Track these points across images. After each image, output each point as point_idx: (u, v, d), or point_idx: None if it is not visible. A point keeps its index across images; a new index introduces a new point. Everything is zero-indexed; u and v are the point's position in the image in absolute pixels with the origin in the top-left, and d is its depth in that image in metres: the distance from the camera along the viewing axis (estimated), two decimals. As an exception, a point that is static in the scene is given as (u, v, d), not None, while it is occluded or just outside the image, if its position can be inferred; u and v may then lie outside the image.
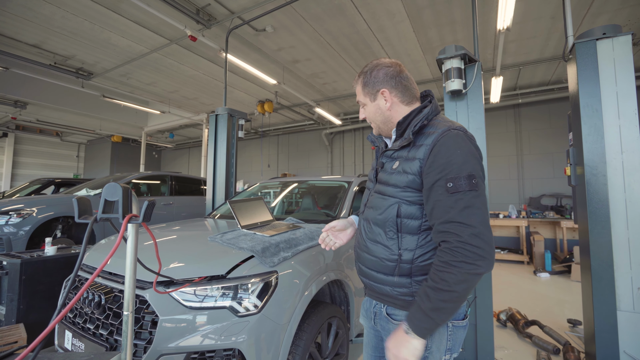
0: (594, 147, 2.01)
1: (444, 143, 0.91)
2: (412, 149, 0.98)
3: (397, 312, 1.02)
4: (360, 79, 1.09)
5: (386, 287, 1.01)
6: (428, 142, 0.94)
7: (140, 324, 1.33)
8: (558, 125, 6.79)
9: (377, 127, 1.11)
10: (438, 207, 0.88)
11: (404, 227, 0.97)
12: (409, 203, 0.96)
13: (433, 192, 0.90)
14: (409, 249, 0.97)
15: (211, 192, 3.85)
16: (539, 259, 5.58)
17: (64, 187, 6.95)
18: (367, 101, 1.09)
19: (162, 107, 8.44)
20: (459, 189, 0.86)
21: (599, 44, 2.03)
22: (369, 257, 1.05)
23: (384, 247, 1.00)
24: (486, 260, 0.82)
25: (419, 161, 0.94)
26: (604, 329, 1.93)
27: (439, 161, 0.90)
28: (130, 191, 0.81)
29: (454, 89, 2.33)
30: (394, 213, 0.98)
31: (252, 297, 1.38)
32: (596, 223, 1.97)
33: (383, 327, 1.06)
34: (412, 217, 0.96)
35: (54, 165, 12.45)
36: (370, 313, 1.12)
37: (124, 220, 0.74)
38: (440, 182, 0.89)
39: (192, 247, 1.70)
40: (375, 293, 1.07)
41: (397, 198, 0.98)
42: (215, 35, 4.78)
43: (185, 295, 1.37)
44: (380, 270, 1.02)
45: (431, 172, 0.91)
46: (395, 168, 1.01)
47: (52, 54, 5.54)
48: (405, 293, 0.98)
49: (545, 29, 4.57)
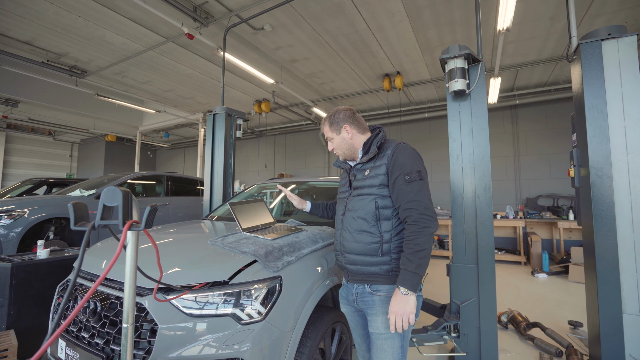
0: (599, 149, 1.99)
1: (399, 151, 1.34)
2: (377, 159, 1.38)
3: (380, 287, 1.32)
4: (327, 121, 1.49)
5: (373, 267, 1.32)
6: (388, 153, 1.36)
7: (138, 333, 1.27)
8: (555, 126, 6.83)
9: (343, 154, 1.48)
10: (401, 193, 1.28)
11: (381, 215, 1.32)
12: (383, 197, 1.33)
13: (396, 183, 1.29)
14: (387, 231, 1.32)
15: (209, 193, 3.78)
16: (536, 260, 5.60)
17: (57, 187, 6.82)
18: (334, 135, 1.47)
19: (157, 106, 8.32)
20: (413, 179, 1.27)
21: (604, 45, 2.01)
22: (356, 245, 1.35)
23: (369, 233, 1.33)
24: (435, 222, 1.24)
25: (384, 165, 1.34)
26: (610, 332, 1.91)
27: (398, 163, 1.31)
28: (130, 195, 0.75)
29: (457, 89, 2.30)
30: (373, 206, 1.33)
31: (256, 304, 1.33)
32: (602, 225, 1.95)
33: (366, 302, 1.35)
34: (386, 207, 1.33)
35: (46, 165, 12.23)
36: (351, 296, 1.42)
37: (125, 227, 0.69)
38: (400, 176, 1.29)
39: (191, 251, 1.64)
40: (361, 276, 1.36)
41: (374, 195, 1.34)
42: (212, 33, 4.70)
43: (185, 302, 1.31)
44: (367, 253, 1.32)
45: (394, 171, 1.31)
46: (367, 174, 1.38)
47: (45, 51, 5.42)
48: (388, 270, 1.30)
49: (543, 30, 4.57)
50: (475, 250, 2.26)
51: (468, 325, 2.24)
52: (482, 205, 2.28)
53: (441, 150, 7.91)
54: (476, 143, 2.35)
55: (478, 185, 2.29)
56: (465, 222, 2.30)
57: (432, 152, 8.05)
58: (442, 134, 8.07)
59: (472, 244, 2.27)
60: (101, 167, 12.18)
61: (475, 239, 2.27)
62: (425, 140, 8.20)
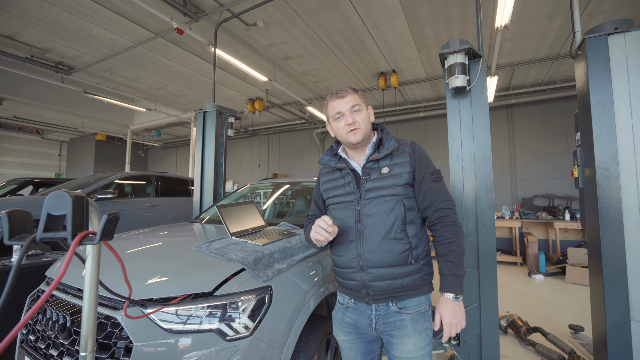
0: (605, 148, 1.91)
1: (418, 149, 1.25)
2: (395, 156, 1.23)
3: (408, 303, 1.18)
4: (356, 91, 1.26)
5: (405, 278, 1.16)
6: (407, 149, 1.24)
7: (111, 352, 1.14)
8: (551, 126, 6.80)
9: (363, 133, 1.24)
10: (430, 192, 1.19)
11: (408, 218, 1.19)
12: (409, 197, 1.20)
13: (424, 182, 1.20)
14: (414, 235, 1.19)
15: (199, 193, 3.64)
16: (532, 261, 5.55)
17: (43, 188, 6.59)
18: (364, 107, 1.26)
19: (148, 105, 8.11)
20: (439, 179, 1.22)
21: (611, 40, 1.93)
22: (385, 255, 1.16)
23: (399, 240, 1.16)
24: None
25: (408, 162, 1.21)
26: (617, 340, 1.83)
27: (422, 160, 1.23)
28: (85, 202, 0.63)
29: (457, 86, 2.20)
30: (402, 208, 1.18)
31: (243, 318, 1.21)
32: (608, 228, 1.87)
33: (391, 324, 1.17)
34: (412, 209, 1.20)
35: (34, 165, 11.90)
36: (366, 319, 1.21)
37: (74, 241, 0.56)
38: (427, 175, 1.21)
39: (174, 258, 1.51)
40: (387, 293, 1.17)
41: (399, 195, 1.18)
42: (203, 29, 4.55)
43: (165, 316, 1.18)
44: (398, 264, 1.16)
45: (420, 168, 1.21)
46: (386, 173, 1.21)
47: (28, 46, 5.20)
48: (419, 278, 1.18)
49: (541, 28, 4.51)
50: (476, 253, 2.16)
51: (468, 332, 2.14)
52: (483, 207, 2.19)
53: (437, 150, 7.84)
54: (477, 142, 2.26)
55: (479, 186, 2.20)
56: (466, 225, 2.21)
57: (427, 152, 7.91)
58: (437, 133, 8.01)
59: (472, 247, 2.18)
60: (91, 166, 11.89)
61: (476, 242, 2.18)
62: (421, 140, 8.13)
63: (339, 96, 1.23)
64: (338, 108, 1.23)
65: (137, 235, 2.04)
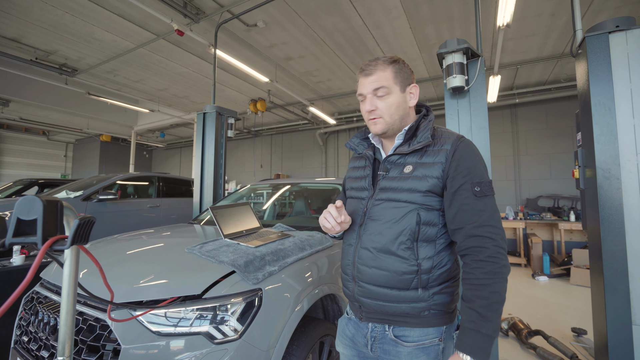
0: (606, 148, 1.87)
1: (464, 149, 0.92)
2: (427, 153, 0.95)
3: (409, 333, 0.94)
4: (391, 65, 0.97)
5: (402, 304, 0.93)
6: (447, 147, 0.93)
7: (99, 354, 1.14)
8: (555, 125, 6.71)
9: (390, 123, 0.99)
10: (465, 211, 0.88)
11: (421, 235, 0.92)
12: (429, 209, 0.93)
13: (459, 195, 0.89)
14: (427, 257, 0.92)
15: (198, 194, 3.66)
16: (537, 262, 5.48)
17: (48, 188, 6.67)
18: (396, 90, 0.97)
19: (151, 106, 8.18)
20: (486, 193, 0.88)
21: (612, 38, 1.89)
22: (380, 272, 0.94)
23: (401, 258, 0.92)
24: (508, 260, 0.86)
25: (440, 165, 0.92)
26: (618, 345, 1.79)
27: (464, 165, 0.90)
28: (59, 206, 0.62)
29: (455, 86, 2.18)
30: (414, 221, 0.92)
31: (232, 321, 1.20)
32: (609, 230, 1.83)
33: (388, 352, 0.96)
34: (430, 224, 0.93)
35: (41, 165, 12.07)
36: (362, 338, 1.02)
37: (44, 246, 0.56)
38: (466, 185, 0.88)
39: (165, 260, 1.51)
40: (381, 314, 0.97)
41: (416, 204, 0.92)
42: (204, 30, 4.57)
43: (153, 318, 1.18)
44: (394, 286, 0.93)
45: (457, 176, 0.90)
46: (408, 172, 0.95)
47: (33, 48, 5.27)
48: (423, 308, 0.92)
49: (544, 26, 4.45)
50: (475, 255, 2.13)
51: (467, 335, 2.11)
52: (481, 208, 2.15)
53: (440, 150, 7.77)
54: (475, 142, 2.22)
55: (477, 187, 2.17)
56: (464, 226, 2.18)
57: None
58: (440, 133, 7.94)
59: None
60: (96, 167, 12.02)
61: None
62: (424, 140, 8.07)
63: (365, 73, 0.98)
64: (360, 88, 1.00)
65: (132, 236, 2.05)
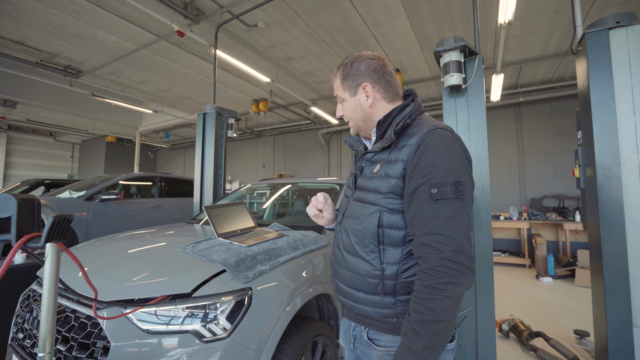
0: (606, 147, 1.83)
1: (429, 143, 0.82)
2: (394, 150, 0.89)
3: (381, 337, 0.90)
4: (339, 72, 0.99)
5: (367, 307, 0.90)
6: (412, 143, 0.85)
7: (90, 351, 1.15)
8: (560, 124, 6.62)
9: (355, 126, 1.01)
10: (419, 216, 0.79)
11: (386, 239, 0.87)
12: (391, 211, 0.87)
13: (415, 197, 0.81)
14: (392, 263, 0.86)
15: (199, 194, 3.67)
16: (541, 263, 5.41)
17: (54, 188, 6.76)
18: (346, 96, 0.99)
19: (155, 107, 8.25)
20: (444, 196, 0.77)
21: (612, 34, 1.86)
22: (347, 273, 0.94)
23: (365, 261, 0.89)
24: (469, 276, 0.74)
25: (402, 163, 0.85)
26: (619, 347, 1.75)
27: (423, 163, 0.81)
28: (36, 204, 0.63)
29: (452, 84, 2.16)
30: (375, 223, 0.87)
31: (221, 319, 1.20)
32: (610, 230, 1.80)
33: (364, 353, 0.94)
34: (395, 227, 0.86)
35: (48, 166, 12.24)
36: (349, 336, 1.00)
37: (17, 243, 0.56)
38: (423, 187, 0.80)
39: (158, 259, 1.52)
40: (354, 314, 0.96)
41: (378, 206, 0.88)
42: (205, 31, 4.59)
43: (143, 316, 1.19)
44: (360, 288, 0.91)
45: (414, 176, 0.82)
46: (375, 172, 0.91)
47: (38, 51, 5.35)
48: (388, 315, 0.87)
49: (548, 23, 4.39)
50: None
51: (465, 336, 2.09)
52: (480, 209, 2.13)
53: (443, 150, 7.72)
54: (473, 141, 2.21)
55: (476, 187, 2.14)
56: (462, 226, 2.16)
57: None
58: (443, 133, 7.88)
59: (469, 249, 2.12)
60: (102, 167, 12.16)
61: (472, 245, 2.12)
62: (427, 140, 8.02)
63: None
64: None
65: (129, 235, 2.06)
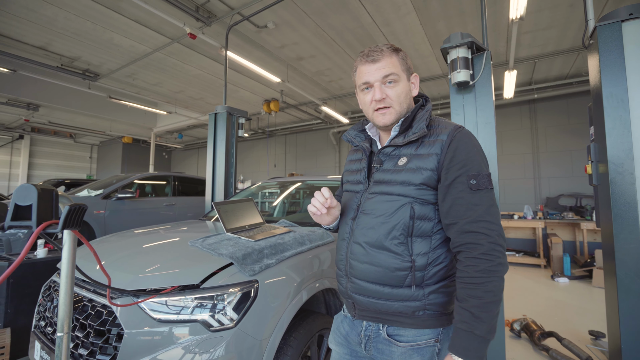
0: (619, 142, 1.79)
1: (461, 139, 0.88)
2: (423, 144, 0.91)
3: (403, 332, 0.90)
4: (395, 53, 0.94)
5: (394, 302, 0.89)
6: (442, 137, 0.89)
7: (105, 338, 1.22)
8: (577, 121, 6.43)
9: (397, 114, 0.94)
10: (460, 205, 0.83)
11: (416, 230, 0.88)
12: (424, 203, 0.89)
13: (453, 188, 0.85)
14: (422, 254, 0.88)
15: (210, 192, 3.76)
16: (557, 263, 5.28)
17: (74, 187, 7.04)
18: (403, 77, 0.94)
19: (169, 108, 8.46)
20: (482, 187, 0.83)
21: (625, 26, 1.81)
22: (371, 268, 0.91)
23: (394, 254, 0.88)
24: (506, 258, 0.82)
25: (435, 156, 0.88)
26: (633, 347, 1.71)
27: (458, 157, 0.86)
28: (54, 194, 0.68)
29: (460, 81, 2.15)
30: (407, 215, 0.88)
31: (228, 310, 1.25)
32: (622, 227, 1.75)
33: (382, 351, 0.92)
34: (425, 219, 0.89)
35: (68, 166, 12.73)
36: (356, 337, 0.99)
37: (37, 229, 0.61)
38: (461, 178, 0.84)
39: (169, 252, 1.58)
40: (373, 312, 0.94)
41: (410, 197, 0.89)
42: (216, 33, 4.69)
43: (154, 306, 1.24)
44: (386, 283, 0.89)
45: (451, 168, 0.86)
46: (402, 165, 0.92)
47: (59, 55, 5.58)
48: (417, 307, 0.88)
49: (562, 18, 4.28)
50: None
51: (473, 334, 2.08)
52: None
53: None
54: (481, 138, 2.18)
55: (483, 184, 2.12)
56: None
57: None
58: (455, 131, 7.77)
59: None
60: (118, 168, 12.55)
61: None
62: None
63: (370, 59, 0.92)
64: (366, 77, 0.93)
65: (144, 231, 2.14)
